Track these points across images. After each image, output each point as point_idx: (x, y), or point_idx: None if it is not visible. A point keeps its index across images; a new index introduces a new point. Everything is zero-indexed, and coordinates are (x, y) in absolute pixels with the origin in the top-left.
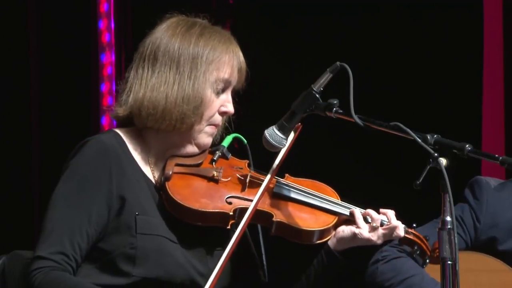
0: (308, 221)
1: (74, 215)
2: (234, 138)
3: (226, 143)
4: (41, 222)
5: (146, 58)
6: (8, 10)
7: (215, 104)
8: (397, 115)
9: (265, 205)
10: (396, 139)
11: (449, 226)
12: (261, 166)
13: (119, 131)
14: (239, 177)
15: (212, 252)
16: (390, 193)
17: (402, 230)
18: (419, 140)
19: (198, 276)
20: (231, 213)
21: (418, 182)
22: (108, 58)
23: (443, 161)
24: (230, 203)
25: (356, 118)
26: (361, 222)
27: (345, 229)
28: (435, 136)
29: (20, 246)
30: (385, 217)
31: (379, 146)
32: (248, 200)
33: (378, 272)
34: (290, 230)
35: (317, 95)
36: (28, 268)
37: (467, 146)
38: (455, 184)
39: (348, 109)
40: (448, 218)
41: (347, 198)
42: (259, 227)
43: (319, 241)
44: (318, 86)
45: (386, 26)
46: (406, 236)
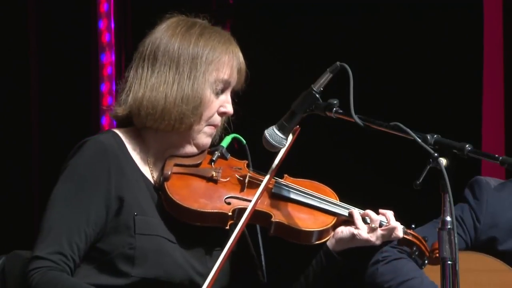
0: (307, 221)
1: (72, 215)
2: (233, 139)
3: (225, 143)
4: (40, 222)
5: (146, 58)
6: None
7: (214, 104)
8: (397, 115)
9: (264, 206)
10: (396, 139)
11: (449, 226)
12: (260, 166)
13: (118, 131)
14: (238, 178)
15: (211, 252)
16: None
17: (401, 231)
18: (419, 140)
19: (197, 276)
20: (230, 214)
21: (418, 182)
22: (108, 58)
23: (443, 161)
24: (229, 204)
25: (356, 118)
26: (360, 223)
27: (344, 229)
28: (435, 136)
29: (20, 246)
30: (384, 218)
31: (379, 146)
32: (247, 200)
33: (378, 273)
34: (289, 231)
35: (317, 95)
36: (26, 268)
37: (467, 146)
38: (455, 184)
39: (348, 109)
40: (448, 218)
41: (347, 198)
42: (258, 227)
43: (318, 242)
44: (318, 86)
45: (386, 26)
46: (405, 237)
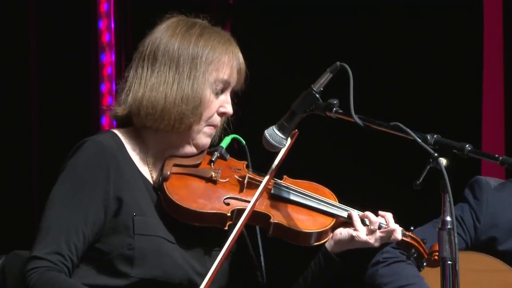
0: (305, 222)
1: (71, 216)
2: (233, 139)
3: (224, 144)
4: (38, 222)
5: (146, 58)
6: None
7: (214, 104)
8: (397, 115)
9: (262, 207)
10: (396, 139)
11: (449, 226)
12: (259, 167)
13: (117, 131)
14: (237, 178)
15: (210, 252)
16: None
17: (400, 233)
18: (419, 140)
19: (196, 276)
20: (229, 214)
21: (418, 182)
22: (108, 58)
23: (443, 161)
24: (228, 204)
25: (356, 118)
26: (359, 225)
27: (343, 231)
28: (435, 136)
29: (20, 246)
30: (383, 220)
31: (379, 146)
32: (246, 201)
33: (377, 274)
34: (287, 232)
35: (317, 95)
36: (24, 268)
37: (467, 146)
38: (455, 184)
39: (348, 109)
40: (448, 218)
41: (347, 198)
42: (257, 228)
43: (317, 243)
44: (318, 86)
45: (386, 26)
46: (404, 239)
